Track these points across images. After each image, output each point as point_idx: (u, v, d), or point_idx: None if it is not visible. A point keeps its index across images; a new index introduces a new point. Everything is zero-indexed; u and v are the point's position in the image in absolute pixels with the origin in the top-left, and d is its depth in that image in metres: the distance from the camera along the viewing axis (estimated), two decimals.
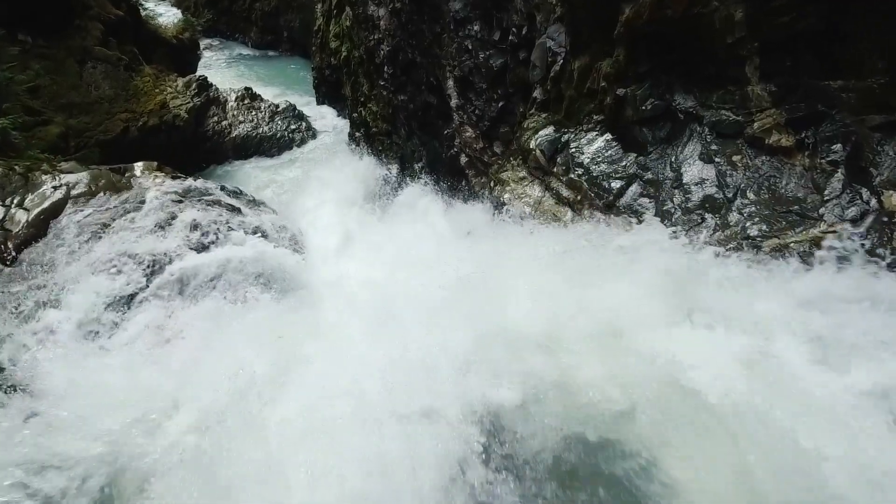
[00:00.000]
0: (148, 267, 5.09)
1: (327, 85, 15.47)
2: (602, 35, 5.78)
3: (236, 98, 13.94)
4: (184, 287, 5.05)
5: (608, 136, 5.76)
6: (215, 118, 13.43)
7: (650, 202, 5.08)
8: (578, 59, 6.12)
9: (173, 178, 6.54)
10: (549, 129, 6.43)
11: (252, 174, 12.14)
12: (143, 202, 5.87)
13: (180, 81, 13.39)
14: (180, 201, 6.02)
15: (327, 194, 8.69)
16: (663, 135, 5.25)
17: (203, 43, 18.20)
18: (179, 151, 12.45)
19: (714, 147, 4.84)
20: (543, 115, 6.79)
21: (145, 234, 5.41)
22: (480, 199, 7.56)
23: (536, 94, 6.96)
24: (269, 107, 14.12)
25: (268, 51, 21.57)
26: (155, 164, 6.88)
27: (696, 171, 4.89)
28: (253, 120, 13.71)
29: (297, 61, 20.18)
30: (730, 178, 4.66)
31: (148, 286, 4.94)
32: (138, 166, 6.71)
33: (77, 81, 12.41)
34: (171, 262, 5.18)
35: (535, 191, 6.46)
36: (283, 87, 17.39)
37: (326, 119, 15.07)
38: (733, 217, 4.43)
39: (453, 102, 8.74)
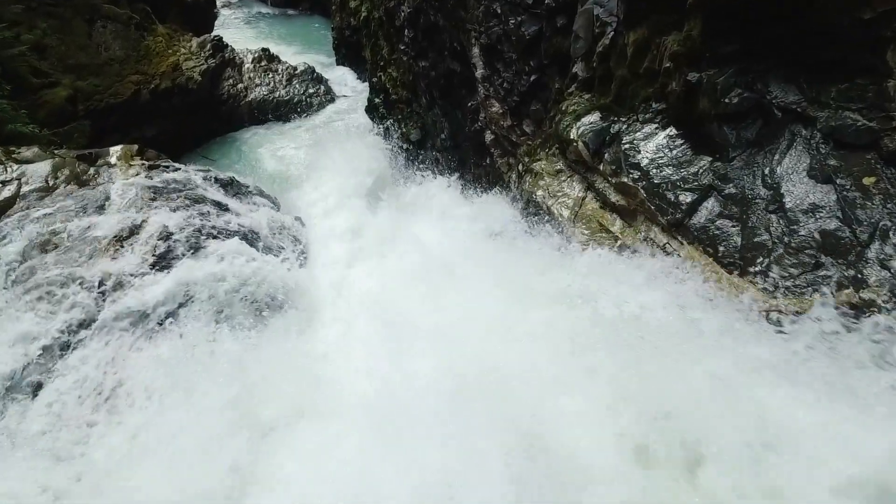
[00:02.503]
0: (97, 295, 3.76)
1: (347, 46, 13.86)
2: (667, 2, 4.23)
3: (253, 59, 12.44)
4: (139, 321, 3.71)
5: (672, 130, 4.25)
6: (230, 81, 11.98)
7: (734, 227, 3.56)
8: (634, 31, 4.60)
9: (153, 167, 5.16)
10: (595, 116, 4.92)
11: (265, 143, 10.72)
12: (107, 201, 4.54)
13: (195, 42, 11.90)
14: (154, 199, 4.67)
15: (338, 177, 7.23)
16: (751, 136, 3.71)
17: (220, 1, 16.58)
18: (193, 116, 11.17)
19: (832, 162, 3.28)
20: (586, 97, 5.28)
21: (101, 247, 4.07)
22: (507, 187, 6.13)
23: (577, 69, 5.45)
24: (286, 69, 12.58)
25: (287, 9, 19.68)
26: (135, 147, 5.49)
27: (803, 191, 3.34)
28: (270, 83, 12.24)
29: (318, 20, 18.38)
30: (861, 209, 3.08)
31: (93, 323, 3.62)
32: (115, 151, 5.32)
33: (86, 41, 10.95)
34: (126, 286, 3.85)
35: (575, 189, 5.01)
36: (303, 48, 15.75)
37: (346, 82, 13.55)
38: (873, 272, 2.87)
39: (479, 73, 7.27)
